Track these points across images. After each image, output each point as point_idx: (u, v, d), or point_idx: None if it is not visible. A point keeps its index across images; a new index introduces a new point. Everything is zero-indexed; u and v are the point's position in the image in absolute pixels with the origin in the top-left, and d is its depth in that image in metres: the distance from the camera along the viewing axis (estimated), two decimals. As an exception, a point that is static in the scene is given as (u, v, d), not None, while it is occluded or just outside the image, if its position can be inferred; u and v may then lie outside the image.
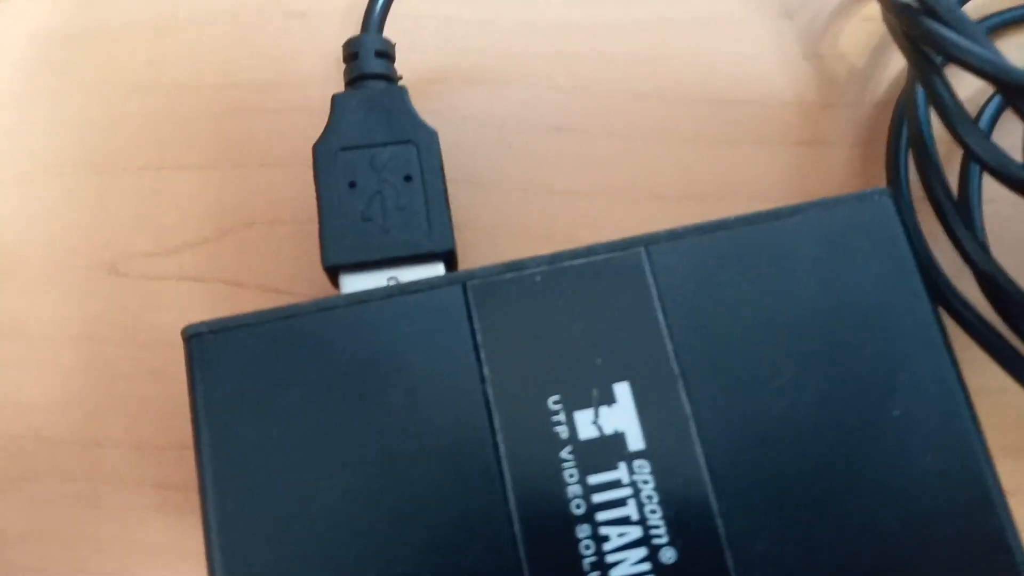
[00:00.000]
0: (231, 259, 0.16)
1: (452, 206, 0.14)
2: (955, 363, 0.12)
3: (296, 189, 0.17)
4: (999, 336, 0.14)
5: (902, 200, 0.16)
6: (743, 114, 0.17)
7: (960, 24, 0.13)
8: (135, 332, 0.16)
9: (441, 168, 0.14)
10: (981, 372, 0.14)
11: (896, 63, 0.18)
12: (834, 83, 0.18)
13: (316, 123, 0.15)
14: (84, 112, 0.18)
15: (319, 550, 0.11)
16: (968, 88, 0.17)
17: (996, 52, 0.13)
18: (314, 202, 0.14)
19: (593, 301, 0.12)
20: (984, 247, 0.14)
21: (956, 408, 0.12)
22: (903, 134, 0.16)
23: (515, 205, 0.17)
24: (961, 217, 0.14)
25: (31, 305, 0.16)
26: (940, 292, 0.14)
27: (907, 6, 0.14)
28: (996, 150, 0.13)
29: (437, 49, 0.18)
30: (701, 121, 0.17)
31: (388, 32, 0.16)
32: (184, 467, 0.15)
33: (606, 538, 0.11)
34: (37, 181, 0.17)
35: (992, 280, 0.14)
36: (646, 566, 0.11)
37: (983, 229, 0.15)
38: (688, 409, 0.12)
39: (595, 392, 0.12)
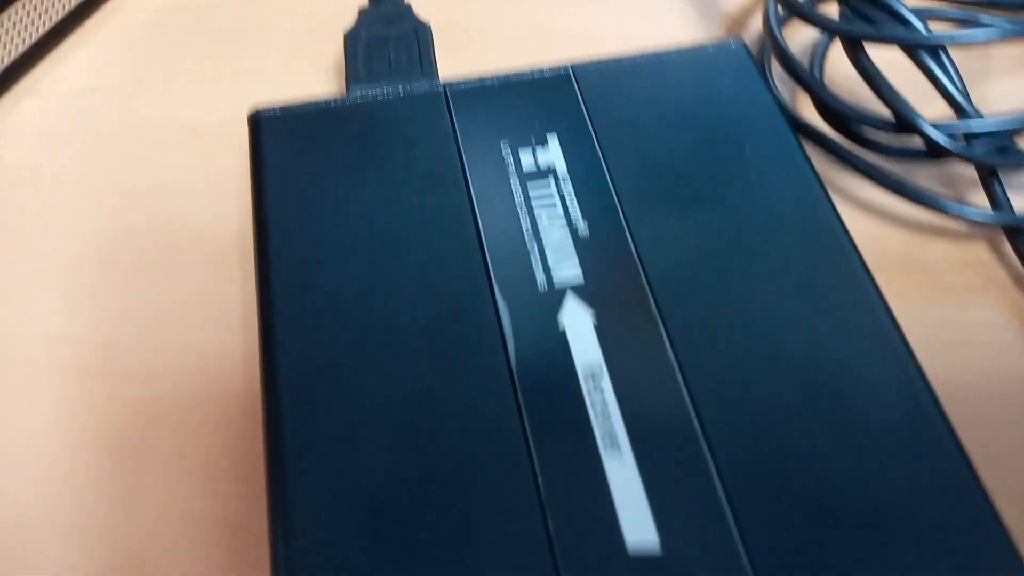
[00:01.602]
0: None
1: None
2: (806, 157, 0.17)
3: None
4: (843, 147, 0.19)
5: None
6: None
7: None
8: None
9: (431, 41, 0.21)
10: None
11: None
12: None
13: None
14: None
15: (359, 290, 0.16)
16: None
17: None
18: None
19: (537, 100, 0.18)
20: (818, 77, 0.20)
21: (809, 188, 0.17)
22: None
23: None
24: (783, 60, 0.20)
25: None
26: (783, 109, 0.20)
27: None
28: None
29: None
30: None
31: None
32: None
33: (539, 217, 0.16)
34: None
35: (824, 101, 0.19)
36: (567, 237, 0.16)
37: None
38: (598, 146, 0.17)
39: (532, 138, 0.17)
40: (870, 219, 0.20)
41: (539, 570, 0.12)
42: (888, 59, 0.20)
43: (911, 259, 0.19)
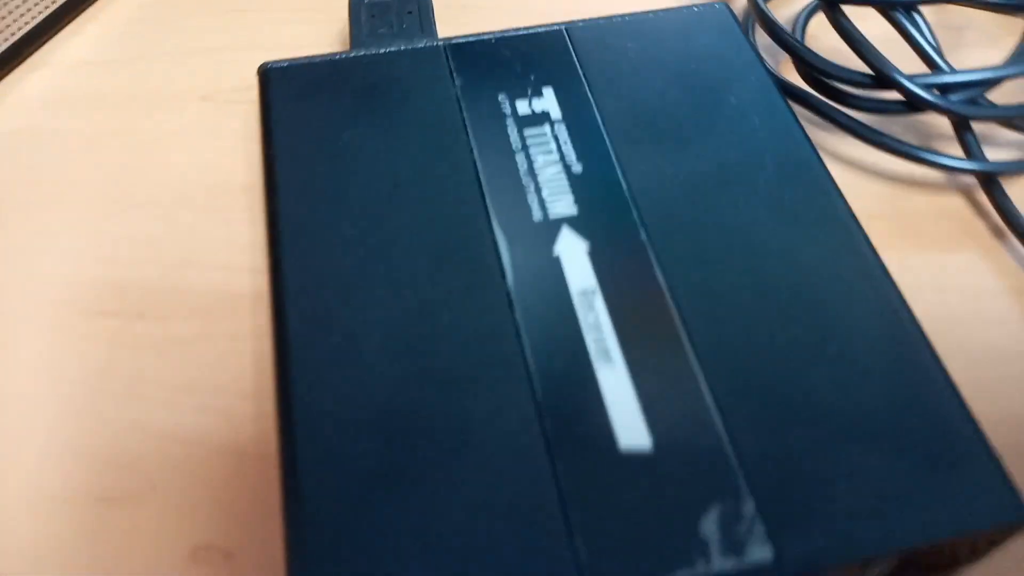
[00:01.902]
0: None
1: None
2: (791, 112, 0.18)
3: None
4: (823, 103, 0.20)
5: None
6: None
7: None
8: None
9: (431, 7, 0.22)
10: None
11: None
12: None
13: None
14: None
15: (363, 223, 0.17)
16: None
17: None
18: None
19: (533, 56, 0.19)
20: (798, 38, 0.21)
21: (798, 147, 0.18)
22: None
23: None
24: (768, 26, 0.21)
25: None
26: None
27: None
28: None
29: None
30: None
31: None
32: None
33: (535, 157, 0.17)
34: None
35: (805, 60, 0.20)
36: (561, 174, 0.17)
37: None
38: (590, 94, 0.18)
39: (528, 89, 0.18)
40: (850, 173, 0.21)
41: (536, 468, 0.13)
42: (863, 30, 0.21)
43: (891, 210, 0.20)
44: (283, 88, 0.19)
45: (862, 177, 0.21)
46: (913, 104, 0.19)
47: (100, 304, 0.19)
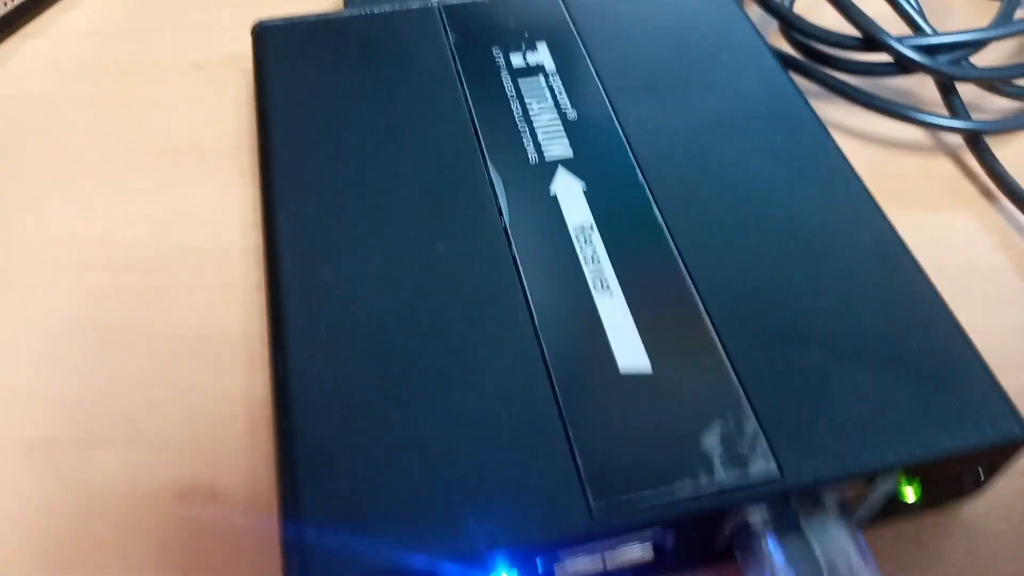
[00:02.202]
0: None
1: None
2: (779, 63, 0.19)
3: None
4: (813, 66, 0.21)
5: None
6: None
7: None
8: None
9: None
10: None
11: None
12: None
13: None
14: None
15: (364, 179, 0.17)
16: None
17: None
18: None
19: (526, 14, 0.19)
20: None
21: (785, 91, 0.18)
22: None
23: None
24: None
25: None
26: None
27: None
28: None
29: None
30: None
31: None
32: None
33: (530, 105, 0.17)
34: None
35: (795, 25, 0.21)
36: (557, 120, 0.17)
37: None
38: (584, 49, 0.18)
39: (523, 44, 0.18)
40: (838, 137, 0.21)
41: (537, 391, 0.13)
42: None
43: (880, 171, 0.21)
44: (277, 45, 0.19)
45: (850, 141, 0.21)
46: (901, 65, 0.20)
47: (91, 258, 0.18)
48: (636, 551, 0.13)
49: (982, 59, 0.23)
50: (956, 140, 0.21)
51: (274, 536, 0.14)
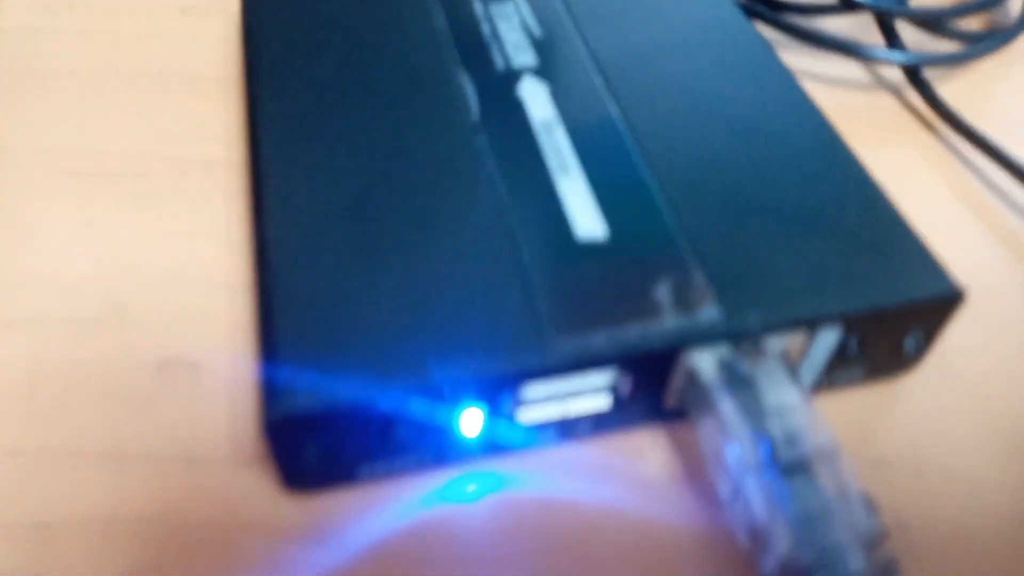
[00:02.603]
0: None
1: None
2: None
3: None
4: (761, 7, 0.22)
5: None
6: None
7: None
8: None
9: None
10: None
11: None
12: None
13: None
14: None
15: (341, 82, 0.18)
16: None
17: None
18: None
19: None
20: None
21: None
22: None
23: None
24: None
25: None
26: None
27: None
28: None
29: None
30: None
31: None
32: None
33: (498, 25, 0.18)
34: None
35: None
36: (524, 37, 0.18)
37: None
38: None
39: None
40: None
41: (501, 249, 0.14)
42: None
43: (827, 108, 0.22)
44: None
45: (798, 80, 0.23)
46: (847, 2, 0.21)
47: (80, 166, 0.19)
48: (594, 397, 0.13)
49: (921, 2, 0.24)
50: (898, 77, 0.23)
51: (252, 401, 0.15)
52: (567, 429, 0.14)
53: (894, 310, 0.14)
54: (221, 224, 0.18)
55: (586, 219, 0.14)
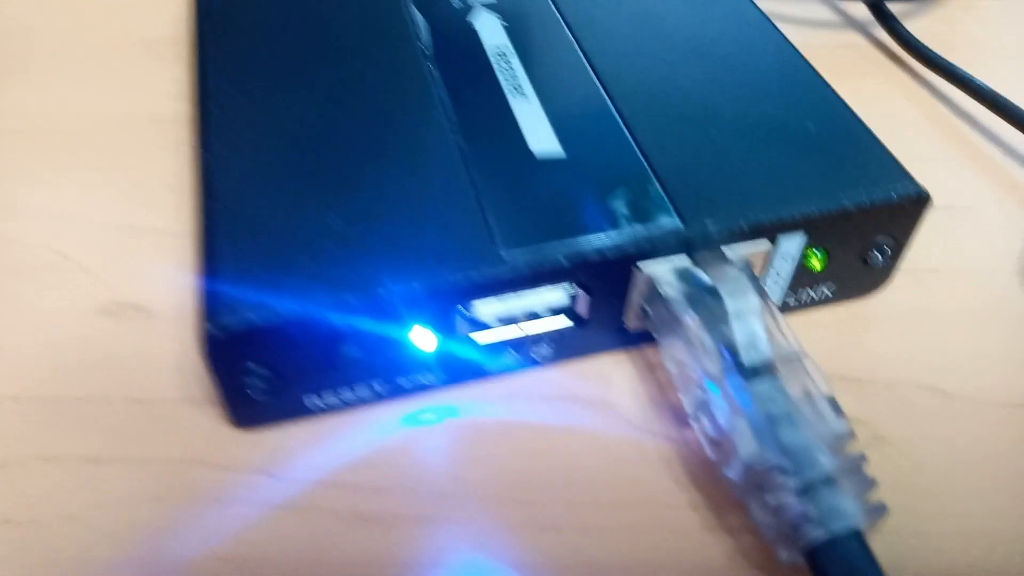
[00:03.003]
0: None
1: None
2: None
3: None
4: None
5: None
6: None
7: None
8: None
9: None
10: None
11: None
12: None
13: None
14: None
15: (286, 21, 0.17)
16: None
17: None
18: None
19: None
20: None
21: None
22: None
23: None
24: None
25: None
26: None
27: None
28: None
29: None
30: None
31: None
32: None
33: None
34: None
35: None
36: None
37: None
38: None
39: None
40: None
41: (452, 169, 0.13)
42: None
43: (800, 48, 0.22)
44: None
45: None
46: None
47: (26, 124, 0.18)
48: (552, 317, 0.13)
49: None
50: (864, 15, 0.22)
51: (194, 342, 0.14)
52: (528, 354, 0.14)
53: (858, 213, 0.13)
54: (170, 174, 0.17)
55: (541, 137, 0.14)
